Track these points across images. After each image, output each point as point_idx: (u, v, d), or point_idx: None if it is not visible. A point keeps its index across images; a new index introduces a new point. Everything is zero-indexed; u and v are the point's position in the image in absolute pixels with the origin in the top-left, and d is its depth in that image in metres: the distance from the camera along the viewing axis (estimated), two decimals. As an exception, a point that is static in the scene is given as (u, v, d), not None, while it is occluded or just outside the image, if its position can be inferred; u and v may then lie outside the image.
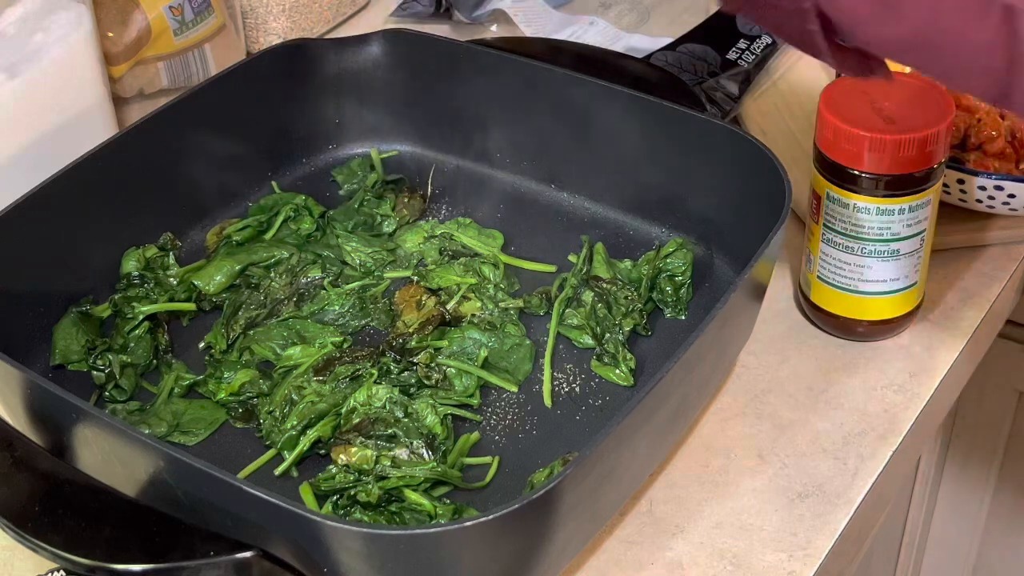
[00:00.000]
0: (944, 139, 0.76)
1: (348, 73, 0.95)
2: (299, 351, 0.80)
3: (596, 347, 0.81)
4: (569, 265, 0.87)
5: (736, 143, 0.82)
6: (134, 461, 0.64)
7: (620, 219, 0.90)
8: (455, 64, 0.94)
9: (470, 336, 0.81)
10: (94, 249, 0.84)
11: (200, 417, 0.77)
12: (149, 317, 0.82)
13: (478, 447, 0.75)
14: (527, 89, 0.91)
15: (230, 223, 0.90)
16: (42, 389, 0.66)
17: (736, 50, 1.06)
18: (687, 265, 0.84)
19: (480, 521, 0.58)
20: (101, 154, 0.83)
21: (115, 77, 0.99)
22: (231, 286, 0.85)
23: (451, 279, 0.85)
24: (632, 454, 0.66)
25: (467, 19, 1.17)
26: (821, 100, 0.78)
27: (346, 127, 0.97)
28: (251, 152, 0.93)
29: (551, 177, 0.93)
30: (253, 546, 0.61)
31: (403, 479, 0.70)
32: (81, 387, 0.78)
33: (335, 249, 0.88)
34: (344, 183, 0.95)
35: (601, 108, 0.88)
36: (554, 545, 0.63)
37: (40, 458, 0.66)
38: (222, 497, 0.61)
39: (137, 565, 0.60)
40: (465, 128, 0.95)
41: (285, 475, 0.73)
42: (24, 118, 0.89)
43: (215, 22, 1.04)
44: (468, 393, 0.77)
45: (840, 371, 0.82)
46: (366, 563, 0.59)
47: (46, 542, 0.61)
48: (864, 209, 0.78)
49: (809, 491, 0.74)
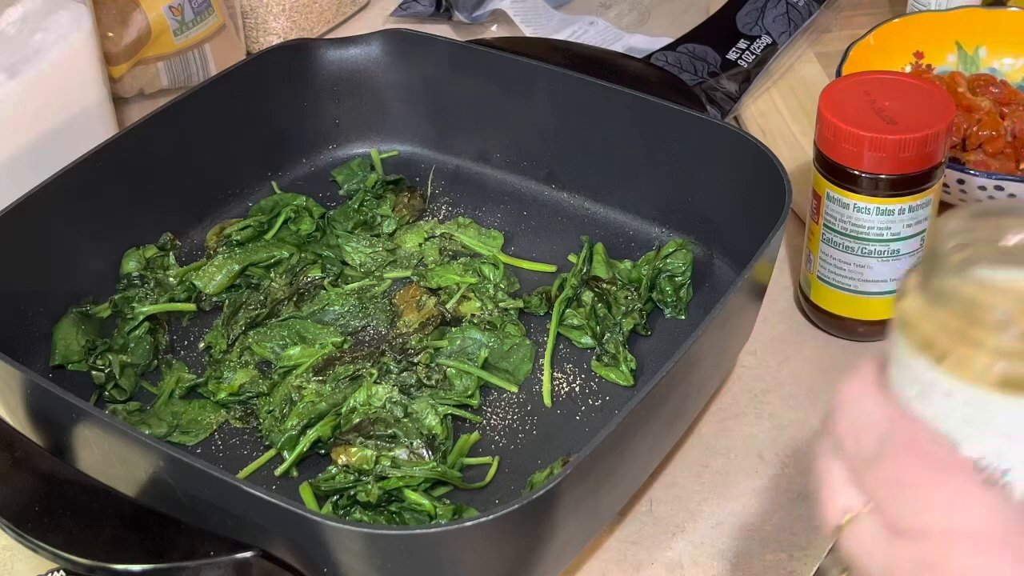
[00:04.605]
0: (944, 139, 0.76)
1: (348, 73, 0.95)
2: (299, 351, 0.80)
3: (596, 347, 0.81)
4: (569, 265, 0.87)
5: (736, 143, 0.82)
6: (134, 461, 0.64)
7: (620, 219, 0.90)
8: (455, 64, 0.94)
9: (470, 336, 0.81)
10: (94, 249, 0.84)
11: (200, 417, 0.77)
12: (149, 317, 0.82)
13: (478, 447, 0.75)
14: (527, 89, 0.91)
15: (230, 223, 0.90)
16: (42, 389, 0.66)
17: (736, 50, 1.06)
18: (687, 265, 0.84)
19: (480, 521, 0.58)
20: (101, 154, 0.83)
21: (115, 77, 0.99)
22: (231, 286, 0.85)
23: (451, 279, 0.85)
24: (632, 454, 0.66)
25: (467, 19, 1.17)
26: (821, 100, 0.78)
27: (346, 127, 0.97)
28: (251, 152, 0.93)
29: (551, 177, 0.93)
30: (253, 546, 0.61)
31: (403, 479, 0.70)
32: (81, 387, 0.78)
33: (335, 249, 0.88)
34: (344, 183, 0.95)
35: (601, 108, 0.88)
36: (554, 545, 0.63)
37: (40, 458, 0.66)
38: (222, 497, 0.61)
39: (137, 565, 0.60)
40: (465, 128, 0.95)
41: (285, 475, 0.73)
42: (24, 118, 0.89)
43: (215, 22, 1.04)
44: (468, 393, 0.77)
45: (840, 371, 0.82)
46: (366, 563, 0.59)
47: (46, 542, 0.61)
48: (864, 209, 0.78)
49: (809, 491, 0.74)
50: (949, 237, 0.44)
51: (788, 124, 1.01)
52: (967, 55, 1.01)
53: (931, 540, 0.41)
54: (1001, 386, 0.41)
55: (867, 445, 0.44)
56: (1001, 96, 0.95)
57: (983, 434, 0.42)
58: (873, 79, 0.80)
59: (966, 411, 0.42)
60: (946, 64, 1.01)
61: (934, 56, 1.01)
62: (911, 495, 0.42)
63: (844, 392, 0.46)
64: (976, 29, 1.01)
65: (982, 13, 1.02)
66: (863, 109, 0.77)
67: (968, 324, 0.42)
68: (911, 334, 0.43)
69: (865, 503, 0.44)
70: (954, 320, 0.42)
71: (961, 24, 1.01)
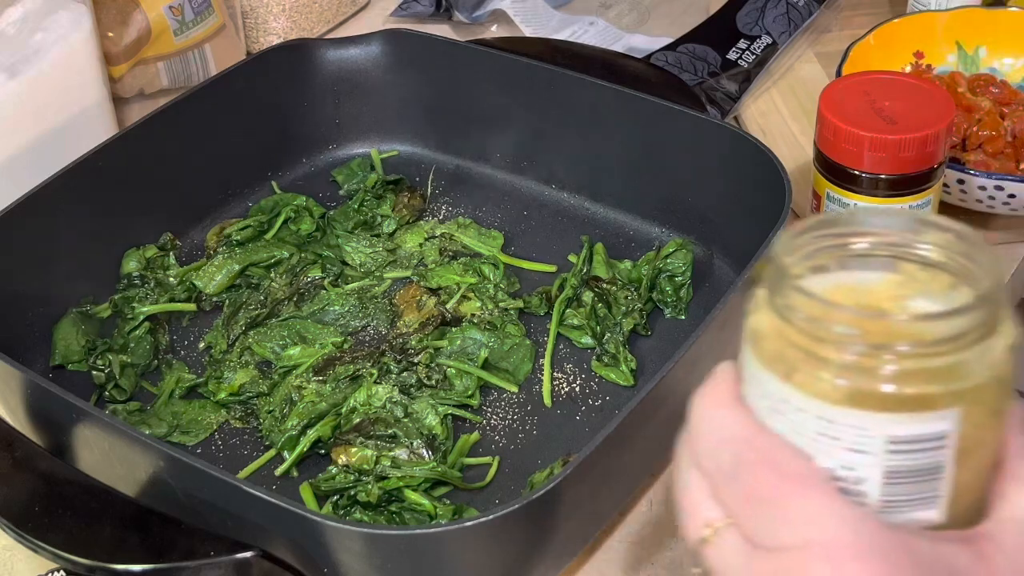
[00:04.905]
0: (944, 139, 0.76)
1: (348, 73, 0.95)
2: (299, 351, 0.80)
3: (596, 347, 0.81)
4: (569, 265, 0.87)
5: (736, 143, 0.82)
6: (134, 461, 0.64)
7: (620, 219, 0.90)
8: (455, 64, 0.94)
9: (470, 336, 0.81)
10: (94, 249, 0.84)
11: (200, 417, 0.77)
12: (149, 317, 0.82)
13: (478, 447, 0.75)
14: (527, 89, 0.91)
15: (230, 223, 0.90)
16: (42, 389, 0.67)
17: (736, 50, 1.06)
18: (687, 265, 0.84)
19: (480, 521, 0.58)
20: (101, 154, 0.83)
21: (115, 77, 0.99)
22: (231, 286, 0.85)
23: (451, 279, 0.85)
24: (632, 454, 0.66)
25: (467, 19, 1.17)
26: (821, 100, 0.78)
27: (346, 127, 0.97)
28: (251, 152, 0.93)
29: (551, 177, 0.93)
30: (253, 546, 0.61)
31: (403, 479, 0.70)
32: (81, 387, 0.78)
33: (335, 249, 0.88)
34: (344, 183, 0.95)
35: (601, 108, 0.88)
36: (554, 545, 0.63)
37: (40, 458, 0.66)
38: (222, 497, 0.61)
39: (137, 565, 0.60)
40: (465, 128, 0.95)
41: (285, 475, 0.73)
42: (24, 118, 0.89)
43: (215, 22, 1.04)
44: (468, 393, 0.77)
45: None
46: (366, 563, 0.59)
47: (46, 542, 0.61)
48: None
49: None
50: (792, 250, 0.44)
51: (788, 124, 1.01)
52: (967, 55, 1.01)
53: (789, 553, 0.42)
54: (848, 401, 0.41)
55: (724, 460, 0.44)
56: (1001, 96, 0.95)
57: (836, 447, 0.42)
58: (873, 79, 0.80)
59: (818, 425, 0.42)
60: (946, 64, 1.01)
61: (934, 56, 1.01)
62: (768, 509, 0.42)
63: (699, 406, 0.46)
64: (976, 29, 1.01)
65: (982, 13, 1.02)
66: (863, 109, 0.77)
67: (812, 341, 0.42)
68: (761, 350, 0.43)
69: (725, 517, 0.44)
70: (799, 336, 0.42)
71: (961, 24, 1.01)
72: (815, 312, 0.41)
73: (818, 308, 0.41)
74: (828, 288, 0.43)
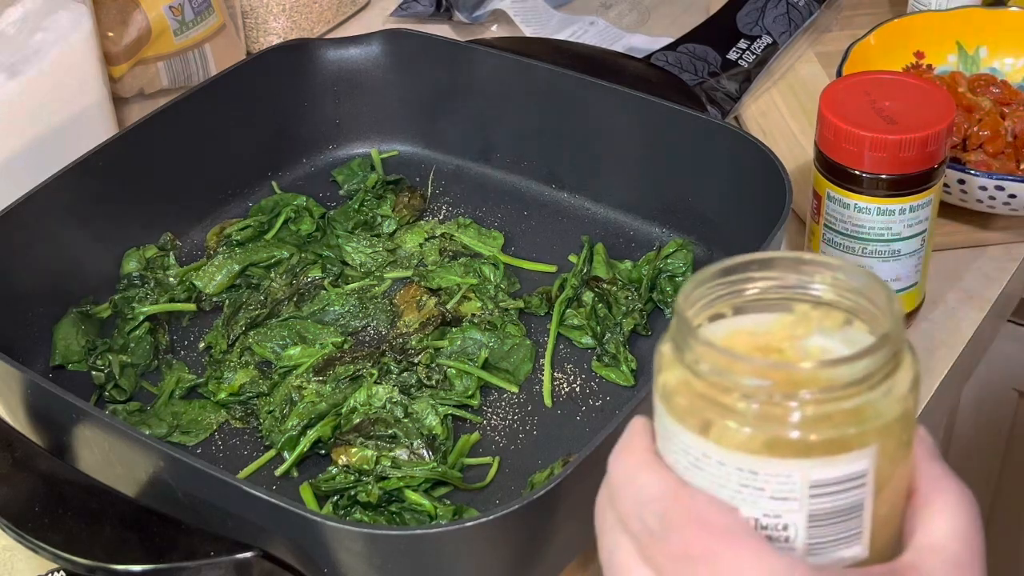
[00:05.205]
0: (945, 139, 0.76)
1: (348, 73, 0.95)
2: (299, 351, 0.80)
3: (596, 347, 0.81)
4: (569, 265, 0.87)
5: (736, 143, 0.82)
6: (134, 461, 0.64)
7: (620, 219, 0.90)
8: (455, 64, 0.94)
9: (470, 336, 0.81)
10: (94, 249, 0.84)
11: (200, 417, 0.77)
12: (149, 317, 0.82)
13: (478, 447, 0.75)
14: (527, 89, 0.91)
15: (230, 223, 0.89)
16: (42, 389, 0.66)
17: (736, 50, 1.06)
18: (687, 265, 0.84)
19: (480, 521, 0.58)
20: (101, 154, 0.83)
21: (115, 77, 0.99)
22: (231, 286, 0.85)
23: (451, 279, 0.85)
24: (632, 454, 0.66)
25: (467, 19, 1.17)
26: (821, 100, 0.78)
27: (346, 127, 0.97)
28: (251, 152, 0.93)
29: (551, 177, 0.93)
30: (253, 546, 0.61)
31: (403, 479, 0.70)
32: (81, 387, 0.78)
33: (335, 249, 0.88)
34: (344, 183, 0.95)
35: (601, 108, 0.88)
36: (554, 545, 0.63)
37: (40, 458, 0.66)
38: (222, 497, 0.61)
39: (137, 565, 0.60)
40: (465, 128, 0.95)
41: (285, 475, 0.73)
42: (24, 118, 0.89)
43: (215, 22, 1.04)
44: (468, 393, 0.77)
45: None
46: (366, 563, 0.59)
47: (46, 542, 0.61)
48: (864, 209, 0.78)
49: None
50: (692, 303, 0.44)
51: (788, 124, 1.01)
52: (967, 55, 1.01)
53: None
54: (766, 450, 0.41)
55: (650, 522, 0.43)
56: (1001, 96, 0.95)
57: (760, 497, 0.42)
58: (873, 79, 0.80)
59: (740, 476, 0.42)
60: (946, 64, 1.01)
61: (934, 56, 1.01)
62: (700, 567, 0.42)
63: (619, 465, 0.46)
64: (976, 29, 1.01)
65: (982, 13, 1.02)
66: (863, 109, 0.77)
67: (721, 392, 0.42)
68: (674, 405, 0.43)
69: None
70: (708, 389, 0.42)
71: (961, 24, 1.01)
72: (720, 363, 0.41)
73: (723, 359, 0.41)
74: (727, 334, 0.44)
